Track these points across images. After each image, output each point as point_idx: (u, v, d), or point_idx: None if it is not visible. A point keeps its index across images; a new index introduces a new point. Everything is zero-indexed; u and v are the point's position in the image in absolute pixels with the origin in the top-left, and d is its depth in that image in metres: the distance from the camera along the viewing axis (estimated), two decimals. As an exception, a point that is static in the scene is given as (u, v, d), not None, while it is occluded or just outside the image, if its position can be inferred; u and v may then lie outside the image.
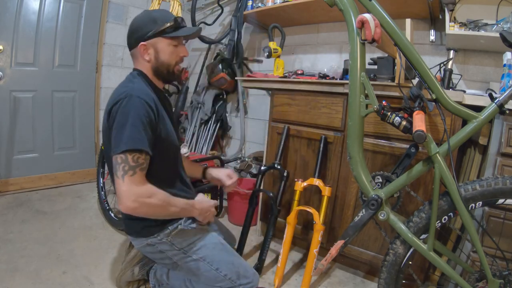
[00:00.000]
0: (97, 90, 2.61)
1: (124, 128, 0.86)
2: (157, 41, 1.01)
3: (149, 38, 1.00)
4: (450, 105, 0.95)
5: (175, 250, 1.02)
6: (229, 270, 1.02)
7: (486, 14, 1.42)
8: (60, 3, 2.30)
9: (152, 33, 0.99)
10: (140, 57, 1.02)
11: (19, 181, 2.28)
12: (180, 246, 1.02)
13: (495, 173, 1.11)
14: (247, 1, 2.20)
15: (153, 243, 1.02)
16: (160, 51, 1.02)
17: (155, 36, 1.00)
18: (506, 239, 1.08)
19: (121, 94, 0.91)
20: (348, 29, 1.01)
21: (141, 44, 1.00)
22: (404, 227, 0.99)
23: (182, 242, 1.01)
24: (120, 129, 0.87)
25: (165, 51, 1.03)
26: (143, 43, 1.00)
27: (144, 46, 1.00)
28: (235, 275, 1.02)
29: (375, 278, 1.49)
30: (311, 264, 1.35)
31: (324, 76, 1.81)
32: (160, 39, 1.01)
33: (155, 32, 0.99)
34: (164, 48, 1.02)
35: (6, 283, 1.25)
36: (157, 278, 1.18)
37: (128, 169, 0.85)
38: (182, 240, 1.01)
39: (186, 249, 1.02)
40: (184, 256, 1.02)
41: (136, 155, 0.87)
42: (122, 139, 0.86)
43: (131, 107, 0.88)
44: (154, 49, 1.01)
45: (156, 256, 1.06)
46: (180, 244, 1.01)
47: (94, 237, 1.72)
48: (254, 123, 2.56)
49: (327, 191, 1.38)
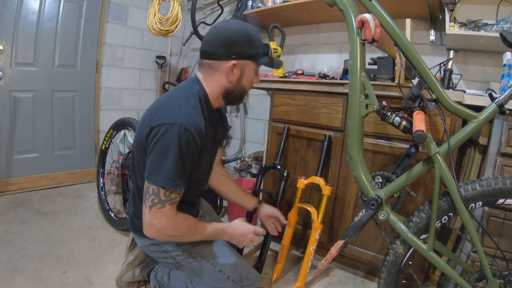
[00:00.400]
0: (97, 90, 2.61)
1: (164, 160, 0.83)
2: (247, 64, 0.95)
3: (242, 58, 0.93)
4: (450, 105, 0.95)
5: (179, 250, 1.02)
6: (232, 272, 1.02)
7: (486, 14, 1.42)
8: (60, 3, 2.29)
9: (247, 54, 0.93)
10: (221, 73, 0.94)
11: (19, 181, 2.28)
12: (185, 247, 1.02)
13: (495, 173, 1.11)
14: (247, 1, 2.20)
15: (157, 243, 1.02)
16: (245, 74, 0.96)
17: (248, 59, 0.94)
18: (506, 239, 1.08)
19: (169, 117, 0.85)
20: (348, 29, 1.01)
21: (233, 64, 0.92)
22: (404, 227, 0.99)
23: (187, 243, 1.01)
24: (160, 159, 0.84)
25: (249, 76, 0.98)
26: (235, 62, 0.92)
27: (235, 65, 0.92)
28: (238, 277, 1.02)
29: (375, 278, 1.49)
30: (307, 261, 1.37)
31: (324, 76, 1.81)
32: (250, 63, 0.95)
33: (250, 54, 0.94)
34: (249, 73, 0.97)
35: (6, 283, 1.25)
36: (157, 279, 1.18)
37: (157, 202, 0.85)
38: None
39: (190, 250, 1.02)
40: (187, 256, 1.02)
41: (169, 191, 0.86)
42: (159, 172, 0.83)
43: (176, 138, 0.83)
44: (241, 71, 0.95)
45: (160, 256, 1.06)
46: (184, 244, 1.01)
47: (94, 237, 1.72)
48: (254, 123, 2.56)
49: (327, 190, 1.38)
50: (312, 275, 1.47)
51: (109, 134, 2.01)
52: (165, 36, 2.32)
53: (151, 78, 2.91)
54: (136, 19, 2.74)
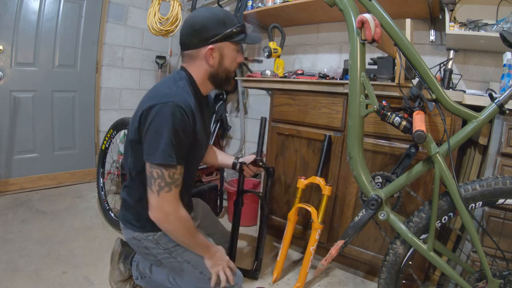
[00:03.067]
0: (97, 90, 2.61)
1: (160, 137, 0.85)
2: (224, 45, 0.97)
3: (217, 41, 0.95)
4: (450, 105, 0.95)
5: (160, 249, 1.01)
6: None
7: (486, 14, 1.42)
8: (60, 3, 2.29)
9: (222, 36, 0.94)
10: (201, 59, 0.97)
11: (19, 181, 2.28)
12: (166, 246, 1.01)
13: (495, 173, 1.11)
14: (247, 1, 2.20)
15: (139, 238, 1.01)
16: (225, 56, 0.98)
17: (224, 40, 0.96)
18: (506, 239, 1.08)
19: (162, 96, 0.88)
20: (348, 29, 1.01)
21: (209, 48, 0.94)
22: (404, 227, 0.99)
23: (168, 242, 1.00)
24: (156, 137, 0.86)
25: (230, 57, 0.99)
26: (211, 47, 0.95)
27: (212, 49, 0.95)
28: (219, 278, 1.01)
29: (375, 278, 1.50)
30: (307, 261, 1.37)
31: (324, 76, 1.81)
32: (227, 44, 0.97)
33: (225, 35, 0.95)
34: (229, 54, 0.98)
35: (6, 283, 1.25)
36: (140, 270, 1.18)
37: (164, 186, 0.87)
38: (168, 240, 1.00)
39: (171, 249, 1.01)
40: (168, 256, 1.01)
41: (172, 171, 0.87)
42: (157, 149, 0.85)
43: (169, 115, 0.85)
44: (219, 53, 0.97)
45: (141, 251, 1.06)
46: (165, 244, 1.01)
47: (94, 237, 1.72)
48: (254, 123, 2.56)
49: (327, 190, 1.38)
50: (312, 275, 1.47)
51: (109, 134, 2.01)
52: (165, 36, 2.32)
53: (151, 78, 2.91)
54: (136, 19, 2.74)
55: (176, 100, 0.87)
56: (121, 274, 1.21)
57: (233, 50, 0.99)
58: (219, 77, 1.01)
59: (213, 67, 0.98)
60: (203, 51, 0.95)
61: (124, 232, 1.07)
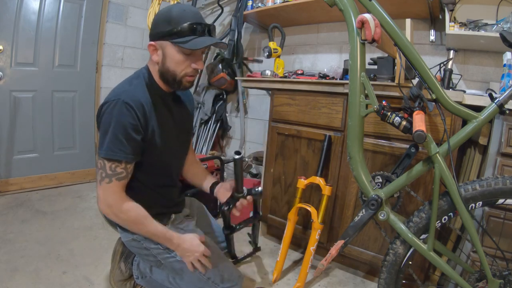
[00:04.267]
0: (97, 90, 2.61)
1: (106, 134, 0.88)
2: (165, 45, 0.92)
3: (158, 39, 0.92)
4: (450, 105, 0.95)
5: (160, 249, 1.01)
6: (213, 273, 1.01)
7: (486, 14, 1.42)
8: (60, 3, 2.29)
9: (161, 34, 0.91)
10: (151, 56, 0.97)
11: (19, 181, 2.28)
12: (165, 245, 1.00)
13: (495, 173, 1.11)
14: (247, 1, 2.20)
15: (138, 239, 1.01)
16: (167, 56, 0.93)
17: (163, 39, 0.91)
18: (506, 239, 1.08)
19: (112, 96, 0.91)
20: (348, 29, 1.01)
21: (149, 44, 0.93)
22: (404, 227, 0.99)
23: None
24: (103, 134, 0.89)
25: (173, 59, 0.92)
26: (151, 43, 0.93)
27: (153, 46, 0.93)
28: (219, 278, 1.01)
29: (375, 278, 1.49)
30: (307, 261, 1.37)
31: (324, 76, 1.81)
32: (168, 44, 0.91)
33: (163, 34, 0.90)
34: (172, 55, 0.92)
35: (6, 283, 1.25)
36: (140, 270, 1.18)
37: (104, 176, 0.89)
38: None
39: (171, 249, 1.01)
40: (168, 256, 1.01)
41: (114, 164, 0.89)
42: (103, 144, 0.88)
43: (116, 112, 0.87)
44: (162, 52, 0.93)
45: (141, 252, 1.05)
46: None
47: (94, 237, 1.72)
48: (254, 123, 2.56)
49: (327, 190, 1.38)
50: (312, 275, 1.47)
51: (109, 134, 2.01)
52: (165, 36, 2.32)
53: (151, 78, 2.91)
54: (136, 19, 2.74)
55: (125, 98, 0.88)
56: (122, 274, 1.21)
57: (177, 52, 0.91)
58: (166, 77, 0.96)
59: (158, 64, 0.96)
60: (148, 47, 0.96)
61: (122, 235, 1.06)
